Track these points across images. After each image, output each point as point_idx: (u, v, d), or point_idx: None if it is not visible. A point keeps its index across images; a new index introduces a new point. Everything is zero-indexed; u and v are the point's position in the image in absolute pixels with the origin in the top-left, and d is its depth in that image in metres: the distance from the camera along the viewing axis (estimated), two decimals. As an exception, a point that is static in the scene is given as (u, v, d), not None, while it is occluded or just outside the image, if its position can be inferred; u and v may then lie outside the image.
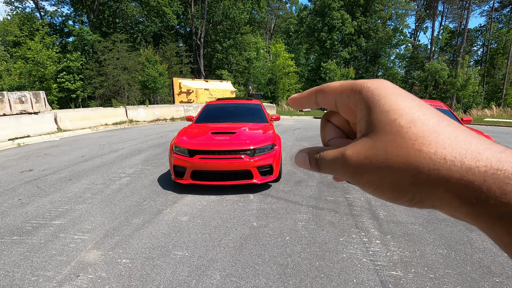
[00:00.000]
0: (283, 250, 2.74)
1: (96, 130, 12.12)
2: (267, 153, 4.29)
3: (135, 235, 3.05)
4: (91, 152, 7.39)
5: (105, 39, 26.12)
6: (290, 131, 11.76)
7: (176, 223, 3.31)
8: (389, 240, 2.89)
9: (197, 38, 31.85)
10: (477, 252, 2.67)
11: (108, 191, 4.42)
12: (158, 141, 8.96)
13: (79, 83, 25.19)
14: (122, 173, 5.41)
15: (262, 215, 3.51)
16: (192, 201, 3.97)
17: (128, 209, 3.73)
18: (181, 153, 4.28)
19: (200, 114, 5.79)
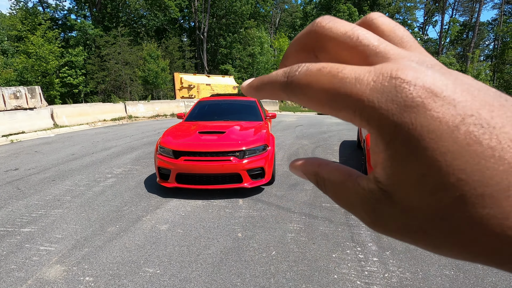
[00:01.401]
0: (267, 268, 2.43)
1: (94, 126, 11.93)
2: (259, 155, 3.97)
3: (107, 246, 2.77)
4: (83, 150, 7.16)
5: (107, 34, 25.89)
6: (291, 128, 11.39)
7: (153, 233, 3.02)
8: (388, 258, 2.56)
9: (201, 32, 31.45)
10: (489, 275, 2.32)
11: (89, 194, 4.15)
12: (154, 138, 8.70)
13: (81, 78, 25.10)
14: (108, 174, 5.15)
15: (249, 224, 3.20)
16: (176, 207, 3.68)
17: (106, 215, 3.45)
18: (166, 154, 3.98)
19: (191, 112, 5.48)
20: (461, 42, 37.26)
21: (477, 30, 31.30)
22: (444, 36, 33.99)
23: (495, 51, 37.27)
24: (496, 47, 37.27)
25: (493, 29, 38.57)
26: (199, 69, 33.69)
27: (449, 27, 33.62)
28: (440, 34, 34.29)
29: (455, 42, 36.85)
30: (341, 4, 31.11)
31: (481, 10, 30.98)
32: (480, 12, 30.80)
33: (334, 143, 8.10)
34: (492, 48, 39.45)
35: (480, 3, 30.71)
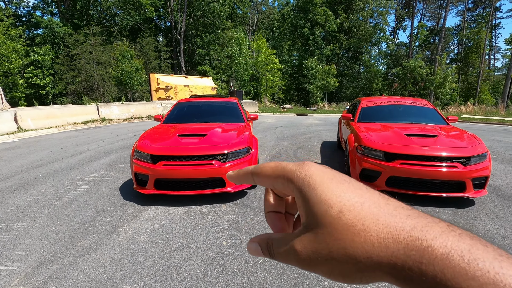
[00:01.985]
0: (255, 278, 2.31)
1: (63, 130, 11.21)
2: (242, 158, 3.84)
3: (78, 262, 2.51)
4: (51, 156, 6.65)
5: (77, 32, 24.60)
6: (272, 129, 11.37)
7: (131, 245, 2.80)
8: (376, 260, 2.53)
9: (177, 32, 30.75)
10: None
11: (58, 204, 3.82)
12: (130, 142, 8.30)
13: (48, 79, 23.66)
14: (80, 181, 4.79)
15: (234, 231, 3.06)
16: (154, 215, 3.46)
17: (77, 227, 3.17)
18: (143, 159, 3.74)
19: (170, 114, 5.24)
20: (429, 46, 39.31)
21: (443, 35, 33.13)
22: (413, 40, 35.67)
23: (459, 55, 39.71)
24: (460, 51, 39.73)
25: (457, 34, 41.12)
26: (176, 70, 32.91)
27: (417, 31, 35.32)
28: (410, 38, 35.90)
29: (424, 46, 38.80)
30: (317, 7, 31.69)
31: (447, 16, 32.86)
32: (446, 18, 32.64)
33: (315, 143, 8.15)
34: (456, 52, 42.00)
35: (446, 9, 32.56)
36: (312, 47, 32.80)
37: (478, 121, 16.31)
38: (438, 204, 3.72)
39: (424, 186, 3.66)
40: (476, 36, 35.66)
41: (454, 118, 5.05)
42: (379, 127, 4.63)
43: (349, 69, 36.31)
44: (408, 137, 3.99)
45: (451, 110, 23.14)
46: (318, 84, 27.75)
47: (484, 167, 3.57)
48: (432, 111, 5.15)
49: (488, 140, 8.97)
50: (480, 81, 34.09)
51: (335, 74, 28.17)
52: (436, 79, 23.47)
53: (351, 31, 34.56)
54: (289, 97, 35.47)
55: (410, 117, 5.09)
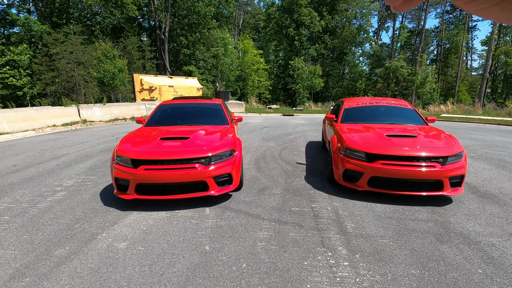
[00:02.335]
0: (238, 283, 2.29)
1: (42, 132, 10.79)
2: (225, 160, 3.81)
3: (53, 273, 2.42)
4: (27, 160, 6.39)
5: (56, 31, 23.76)
6: (258, 130, 11.37)
7: (110, 253, 2.72)
8: (358, 261, 2.56)
9: (161, 32, 30.24)
10: (450, 270, 2.43)
11: (33, 212, 3.66)
12: (112, 144, 8.08)
13: (26, 79, 22.71)
14: (58, 186, 4.62)
15: (217, 235, 3.03)
16: (136, 221, 3.38)
17: (54, 236, 3.05)
18: (123, 163, 3.65)
19: (152, 116, 5.14)
20: (410, 47, 40.48)
21: (423, 36, 34.16)
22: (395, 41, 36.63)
23: (438, 55, 41.08)
24: (439, 52, 41.10)
25: (436, 36, 42.53)
26: (161, 70, 32.36)
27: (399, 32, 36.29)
28: (392, 39, 36.84)
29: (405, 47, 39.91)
30: (302, 8, 31.95)
31: (427, 18, 33.90)
32: (425, 20, 33.67)
33: (300, 144, 8.21)
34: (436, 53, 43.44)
35: (426, 12, 33.59)
36: (297, 48, 33.06)
37: (456, 120, 16.92)
38: (417, 203, 3.82)
39: (404, 186, 3.75)
40: (454, 38, 37.03)
41: (432, 118, 5.20)
42: (361, 128, 4.71)
43: (334, 69, 36.82)
44: (388, 138, 4.07)
45: (431, 109, 23.89)
46: (304, 84, 27.99)
47: (460, 166, 3.69)
48: (412, 112, 5.29)
49: (465, 139, 9.31)
50: (459, 81, 35.38)
51: (320, 74, 28.49)
52: (417, 79, 24.18)
53: (335, 32, 35.06)
54: (275, 97, 35.61)
55: (391, 117, 5.20)
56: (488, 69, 28.72)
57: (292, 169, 5.52)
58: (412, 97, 29.85)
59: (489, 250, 2.73)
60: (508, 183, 4.66)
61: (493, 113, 20.51)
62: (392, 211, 3.59)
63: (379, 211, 3.61)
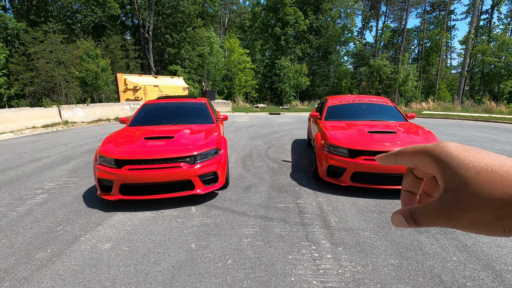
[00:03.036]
0: (223, 279, 2.32)
1: (20, 135, 10.42)
2: (211, 159, 3.82)
3: (34, 277, 2.37)
4: (5, 163, 6.17)
5: (34, 29, 22.94)
6: (244, 128, 11.39)
7: (94, 254, 2.69)
8: (340, 253, 2.64)
9: (145, 31, 29.71)
10: (427, 259, 2.54)
11: (12, 215, 3.56)
12: (95, 146, 7.91)
13: (2, 79, 21.80)
14: (38, 189, 4.50)
15: (203, 233, 3.04)
16: (120, 221, 3.34)
17: (34, 239, 2.98)
18: (106, 163, 3.60)
19: (136, 116, 5.07)
20: (393, 46, 41.52)
21: (405, 35, 35.10)
22: (379, 40, 37.46)
23: (419, 54, 42.32)
24: (420, 50, 42.35)
25: (417, 35, 43.81)
26: (145, 70, 31.81)
27: (382, 32, 37.15)
28: (375, 38, 37.66)
29: (388, 46, 40.90)
30: (287, 7, 32.15)
31: (408, 18, 34.85)
32: (407, 20, 34.60)
33: (286, 142, 8.30)
34: (417, 51, 44.73)
35: (407, 12, 34.52)
36: (283, 47, 33.25)
37: (437, 117, 17.51)
38: (398, 197, 3.96)
39: (386, 180, 3.87)
40: (436, 37, 38.24)
41: (412, 115, 5.38)
42: (344, 125, 4.82)
43: (319, 68, 37.28)
44: (370, 134, 4.19)
45: (413, 107, 24.62)
46: (290, 83, 28.21)
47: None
48: (392, 109, 5.46)
49: (444, 134, 9.66)
50: (439, 79, 36.60)
51: (306, 73, 28.79)
52: (400, 78, 24.82)
53: (320, 31, 35.50)
54: (262, 96, 35.72)
55: (373, 114, 5.35)
56: (466, 67, 29.82)
57: (278, 167, 5.59)
58: (395, 95, 30.64)
59: (463, 239, 2.87)
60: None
61: (471, 109, 21.35)
62: (374, 205, 3.70)
63: (362, 205, 3.72)
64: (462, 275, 2.32)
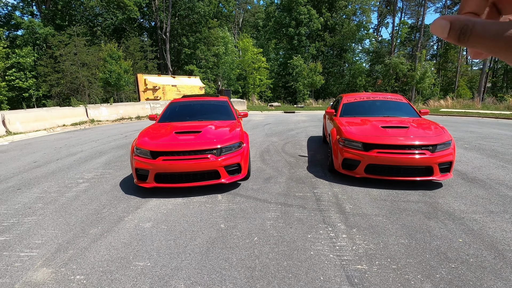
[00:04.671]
0: (251, 252, 2.67)
1: (53, 132, 11.21)
2: (235, 152, 4.19)
3: (92, 247, 2.81)
4: (45, 157, 6.80)
5: (60, 33, 24.17)
6: (260, 126, 11.74)
7: (138, 231, 3.11)
8: (355, 234, 2.95)
9: (163, 32, 30.59)
10: (435, 239, 2.80)
11: (63, 200, 4.06)
12: (122, 142, 8.49)
13: (31, 81, 23.13)
14: (80, 179, 5.02)
15: (230, 216, 3.42)
16: (156, 206, 3.77)
17: (85, 219, 3.45)
18: (143, 155, 4.04)
19: (164, 113, 5.52)
20: (410, 43, 40.69)
21: (422, 31, 34.36)
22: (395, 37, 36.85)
23: (438, 50, 41.24)
24: (439, 47, 41.25)
25: (436, 31, 42.57)
26: (162, 70, 32.74)
27: (399, 28, 36.52)
28: (392, 35, 37.04)
29: (405, 43, 40.12)
30: (301, 6, 32.22)
31: (426, 14, 34.11)
32: (424, 15, 33.86)
33: (302, 138, 8.58)
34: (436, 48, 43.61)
35: (424, 7, 33.78)
36: (297, 46, 33.34)
37: (455, 114, 17.21)
38: (410, 188, 4.19)
39: (398, 172, 4.12)
40: (454, 33, 37.09)
41: (425, 111, 5.56)
42: (358, 121, 5.08)
43: (334, 66, 37.09)
44: (383, 129, 4.44)
45: (431, 104, 24.17)
46: (304, 81, 28.31)
47: (448, 153, 4.06)
48: (406, 105, 5.65)
49: (461, 131, 9.64)
50: (458, 76, 35.58)
51: (320, 71, 28.79)
52: (417, 75, 24.42)
53: (335, 29, 35.31)
54: (276, 95, 35.96)
55: (387, 111, 5.56)
56: (488, 63, 28.89)
57: (295, 161, 5.90)
58: (412, 93, 30.12)
59: (471, 224, 3.10)
60: (496, 170, 5.02)
61: (491, 107, 20.76)
62: (386, 195, 3.96)
63: (375, 194, 3.98)
64: (466, 253, 2.57)
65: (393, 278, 2.26)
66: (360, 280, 2.25)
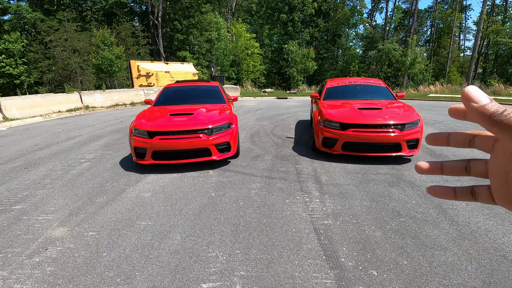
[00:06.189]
0: (237, 213, 3.15)
1: (49, 118, 11.44)
2: (224, 132, 4.61)
3: (100, 212, 3.26)
4: (46, 140, 7.14)
5: (49, 18, 23.75)
6: (252, 111, 12.12)
7: (139, 199, 3.56)
8: (326, 199, 3.44)
9: (154, 17, 30.16)
10: (392, 201, 3.32)
11: (68, 176, 4.48)
12: (118, 127, 8.82)
13: (22, 68, 22.92)
14: (81, 159, 5.42)
15: (220, 187, 3.89)
16: (154, 180, 4.21)
17: (91, 191, 3.88)
18: (140, 135, 4.44)
19: (159, 97, 5.88)
20: (404, 28, 40.73)
21: (415, 16, 34.44)
22: (389, 22, 36.85)
23: (431, 36, 41.42)
24: (432, 32, 41.41)
25: (430, 16, 42.69)
26: (155, 56, 32.46)
27: (393, 13, 36.52)
28: (385, 20, 37.04)
29: (398, 28, 40.16)
30: (295, -10, 31.84)
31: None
32: (418, 0, 33.84)
33: (291, 122, 9.02)
34: (429, 33, 43.73)
35: (418, -8, 33.69)
36: (291, 32, 33.22)
37: (442, 99, 17.77)
38: (382, 163, 4.70)
39: (371, 148, 4.61)
40: (448, 18, 37.31)
41: (401, 95, 6.01)
42: (339, 104, 5.52)
43: (328, 52, 37.14)
44: (359, 110, 4.89)
45: (421, 89, 24.69)
46: (297, 67, 28.47)
47: (416, 131, 4.54)
48: (384, 89, 6.09)
49: (442, 115, 10.17)
50: (450, 62, 36.02)
51: (313, 57, 28.92)
52: (407, 61, 24.78)
53: (329, 14, 35.13)
54: (270, 81, 36.03)
55: (366, 94, 6.01)
56: (477, 49, 29.32)
57: (282, 142, 6.36)
58: (404, 79, 30.57)
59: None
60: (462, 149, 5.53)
61: (478, 92, 21.29)
62: (359, 168, 4.46)
63: (349, 169, 4.48)
64: (416, 211, 3.09)
65: (351, 229, 2.76)
66: (325, 231, 2.75)
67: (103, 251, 2.52)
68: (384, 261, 2.30)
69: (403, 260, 2.30)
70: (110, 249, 2.54)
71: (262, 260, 2.35)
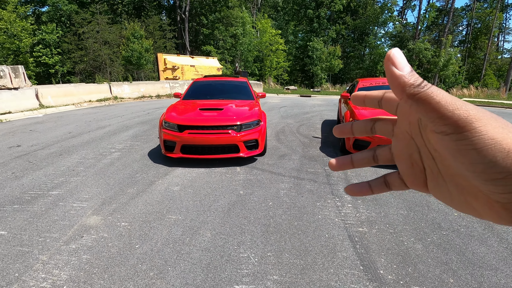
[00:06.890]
0: (266, 213, 3.09)
1: (80, 107, 11.92)
2: (253, 129, 4.55)
3: (131, 202, 3.31)
4: (78, 129, 7.41)
5: (83, 10, 24.70)
6: (276, 108, 11.99)
7: (168, 192, 3.58)
8: (359, 204, 3.29)
9: (182, 11, 30.58)
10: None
11: (100, 165, 4.60)
12: (145, 118, 9.01)
13: (57, 58, 24.05)
14: (112, 148, 5.56)
15: (248, 185, 3.83)
16: (182, 173, 4.23)
17: (122, 181, 3.96)
18: (170, 128, 4.47)
19: (188, 91, 5.91)
20: (437, 27, 38.72)
21: (451, 15, 32.61)
22: (422, 20, 35.14)
23: (467, 36, 39.11)
24: (468, 32, 39.08)
25: (466, 15, 40.27)
26: (180, 50, 32.97)
27: (426, 11, 34.77)
28: (418, 19, 35.34)
29: (431, 27, 38.22)
30: (323, -14, 31.10)
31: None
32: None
33: (317, 121, 8.82)
34: (464, 33, 41.31)
35: (455, -11, 31.82)
36: (317, 29, 32.54)
37: (477, 104, 16.73)
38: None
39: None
40: (486, 17, 35.04)
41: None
42: (372, 105, 5.28)
43: (354, 51, 36.08)
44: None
45: (453, 93, 23.41)
46: (322, 65, 27.88)
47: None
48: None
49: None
50: (486, 64, 33.88)
51: (339, 55, 28.20)
52: (440, 62, 23.55)
53: (357, 11, 34.05)
54: (293, 78, 35.61)
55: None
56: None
57: (309, 141, 6.21)
58: (434, 80, 29.11)
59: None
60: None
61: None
62: (393, 174, 4.25)
63: (382, 173, 4.26)
64: (459, 225, 2.88)
65: (388, 239, 2.61)
66: (360, 239, 2.62)
67: (136, 243, 2.54)
68: (427, 277, 2.14)
69: (449, 278, 2.13)
70: (142, 241, 2.56)
71: (295, 265, 2.27)
